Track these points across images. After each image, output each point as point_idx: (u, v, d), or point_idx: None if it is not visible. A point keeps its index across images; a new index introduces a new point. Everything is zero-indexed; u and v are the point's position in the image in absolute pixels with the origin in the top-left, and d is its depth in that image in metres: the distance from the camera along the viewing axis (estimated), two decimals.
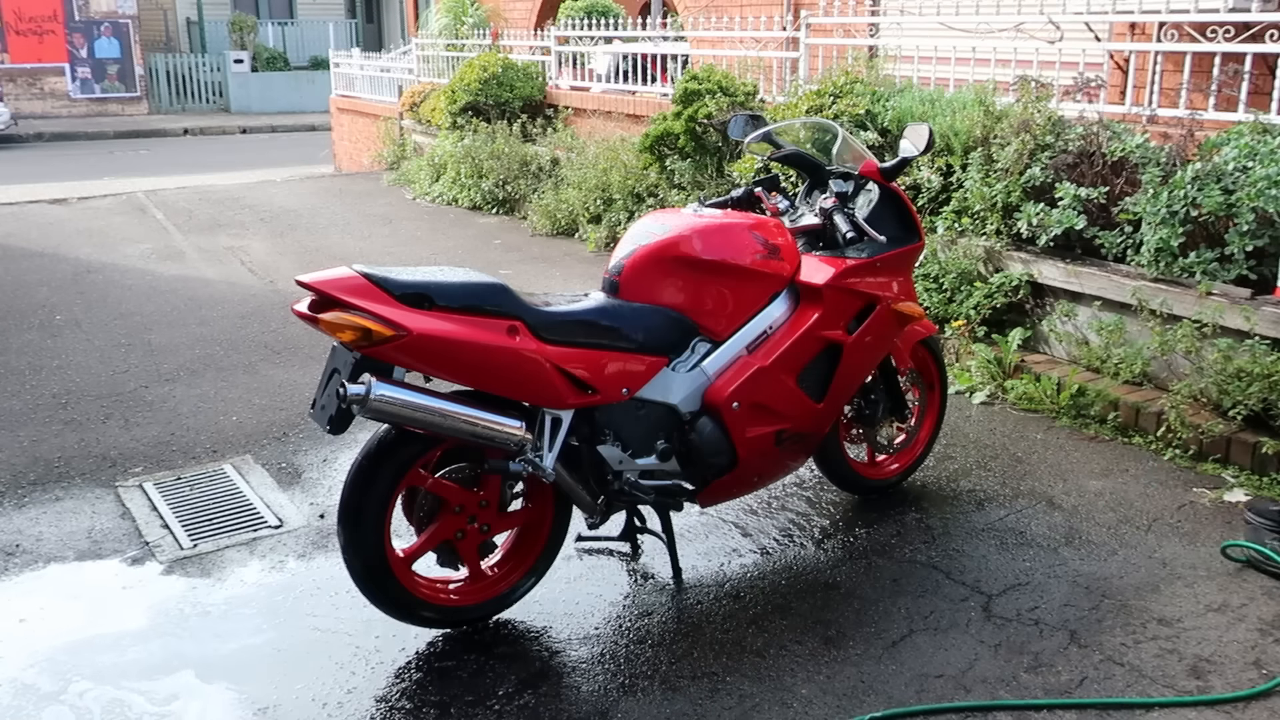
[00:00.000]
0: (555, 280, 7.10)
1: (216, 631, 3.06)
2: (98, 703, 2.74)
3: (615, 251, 3.14)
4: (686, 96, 7.26)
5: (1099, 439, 4.39)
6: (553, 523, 3.09)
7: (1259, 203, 4.22)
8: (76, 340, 5.83)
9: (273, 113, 21.90)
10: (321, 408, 2.75)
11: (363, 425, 2.98)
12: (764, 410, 3.15)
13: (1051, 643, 2.97)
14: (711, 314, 3.10)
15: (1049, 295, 5.05)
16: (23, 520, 3.74)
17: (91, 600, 3.24)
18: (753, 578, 3.34)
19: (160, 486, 4.00)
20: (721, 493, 3.26)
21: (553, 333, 2.82)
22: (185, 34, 24.24)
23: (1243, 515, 3.50)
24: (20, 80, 20.78)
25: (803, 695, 2.75)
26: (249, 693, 2.78)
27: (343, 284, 2.61)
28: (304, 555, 3.50)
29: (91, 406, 4.83)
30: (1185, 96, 5.12)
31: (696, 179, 7.30)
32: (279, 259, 7.89)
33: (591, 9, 10.65)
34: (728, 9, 9.01)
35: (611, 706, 2.72)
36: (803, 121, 4.28)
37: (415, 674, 2.87)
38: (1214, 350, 4.19)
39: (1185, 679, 2.80)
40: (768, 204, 3.49)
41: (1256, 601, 3.17)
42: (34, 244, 8.45)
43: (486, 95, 9.96)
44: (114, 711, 2.71)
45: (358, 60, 14.30)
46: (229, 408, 4.82)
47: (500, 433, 2.79)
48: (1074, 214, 4.86)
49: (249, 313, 6.37)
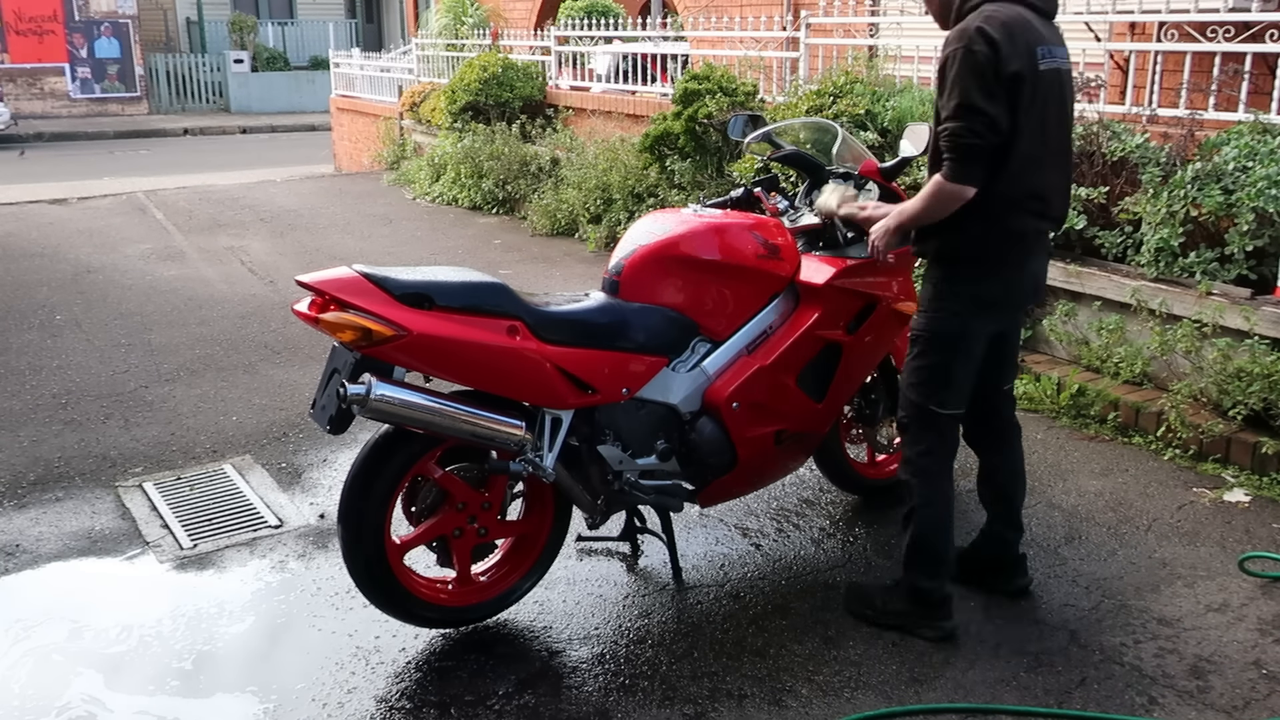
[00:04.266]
0: (555, 280, 7.10)
1: (216, 631, 3.05)
2: (97, 703, 2.74)
3: (615, 251, 3.14)
4: (686, 96, 7.26)
5: (1099, 439, 4.39)
6: (552, 525, 3.09)
7: (1259, 203, 4.22)
8: (76, 340, 5.83)
9: (273, 113, 21.89)
10: (321, 408, 2.75)
11: (363, 425, 2.98)
12: (764, 410, 3.15)
13: (1051, 643, 2.97)
14: (711, 314, 3.10)
15: (1049, 295, 5.05)
16: (23, 520, 3.74)
17: (91, 600, 3.24)
18: (753, 578, 3.34)
19: (160, 486, 4.00)
20: (721, 493, 3.26)
21: (553, 332, 2.82)
22: (185, 34, 24.23)
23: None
24: (20, 80, 20.77)
25: (802, 695, 2.75)
26: (249, 692, 2.78)
27: (343, 284, 2.61)
28: (304, 555, 3.50)
29: (91, 406, 4.83)
30: (1185, 96, 5.12)
31: (696, 179, 7.30)
32: (279, 259, 7.89)
33: (591, 9, 10.64)
34: (728, 9, 9.01)
35: (611, 706, 2.72)
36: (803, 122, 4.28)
37: (415, 674, 2.87)
38: (1214, 350, 4.19)
39: (1185, 679, 2.80)
40: (767, 204, 3.49)
41: (1256, 601, 3.17)
42: (34, 244, 8.45)
43: (486, 95, 9.96)
44: (113, 711, 2.71)
45: (358, 60, 14.30)
46: (229, 408, 4.82)
47: (500, 433, 2.79)
48: (1074, 214, 4.86)
49: (249, 313, 6.37)
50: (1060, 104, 2.81)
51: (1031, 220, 2.83)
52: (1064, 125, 2.87)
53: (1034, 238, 2.90)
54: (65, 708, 2.72)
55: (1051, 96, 2.75)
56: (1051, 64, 2.74)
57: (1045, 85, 2.73)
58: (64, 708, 2.72)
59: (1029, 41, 2.69)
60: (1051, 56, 2.74)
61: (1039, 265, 3.02)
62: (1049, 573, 3.34)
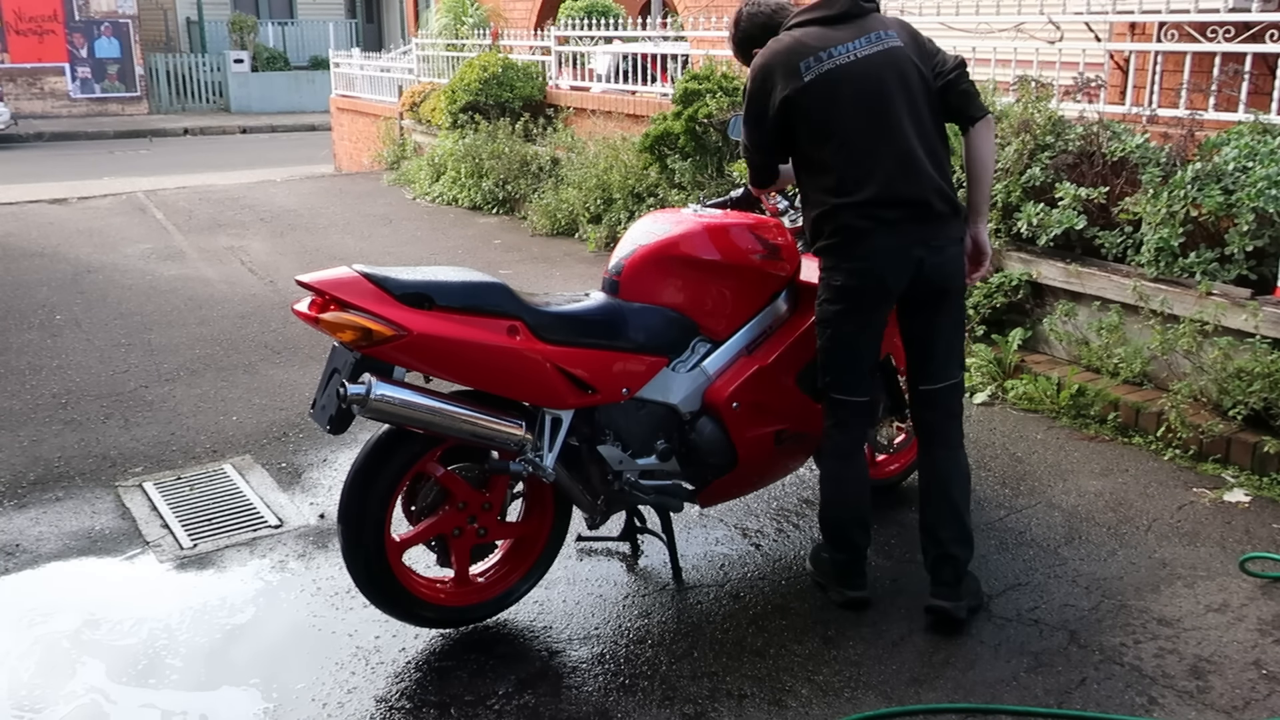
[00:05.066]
0: (555, 280, 7.10)
1: (216, 631, 3.05)
2: (96, 703, 2.74)
3: (615, 251, 3.14)
4: (686, 96, 7.26)
5: (1099, 439, 4.39)
6: (552, 525, 3.09)
7: (1259, 203, 4.21)
8: (76, 340, 5.83)
9: (273, 113, 21.89)
10: (322, 408, 2.75)
11: (363, 425, 2.98)
12: (764, 410, 3.15)
13: (1051, 643, 2.97)
14: (711, 314, 3.10)
15: (1049, 295, 5.05)
16: (23, 520, 3.74)
17: (91, 600, 3.24)
18: (753, 578, 3.34)
19: (160, 486, 4.00)
20: (721, 493, 3.26)
21: (553, 332, 2.82)
22: (185, 34, 24.23)
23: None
24: (20, 80, 20.77)
25: (802, 695, 2.75)
26: (249, 692, 2.78)
27: (343, 284, 2.61)
28: (304, 555, 3.50)
29: (91, 406, 4.83)
30: (1185, 96, 5.12)
31: (696, 179, 7.30)
32: (279, 259, 7.89)
33: (591, 9, 10.64)
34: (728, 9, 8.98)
35: (611, 706, 2.72)
36: None
37: (415, 674, 2.87)
38: (1214, 350, 4.19)
39: (1185, 679, 2.80)
40: (767, 204, 3.49)
41: (1256, 601, 3.17)
42: (34, 244, 8.45)
43: (486, 95, 9.96)
44: (112, 711, 2.71)
45: (358, 60, 14.29)
46: (229, 408, 4.82)
47: (500, 433, 2.79)
48: (1074, 214, 4.86)
49: (249, 313, 6.37)
50: (862, 93, 2.86)
51: (854, 217, 2.88)
52: (883, 108, 2.86)
53: (868, 232, 2.88)
54: (63, 707, 2.72)
55: (839, 93, 2.86)
56: (823, 68, 2.86)
57: (823, 88, 2.86)
58: (64, 707, 2.72)
59: (790, 62, 2.89)
60: (823, 61, 2.86)
61: (907, 254, 2.89)
62: (1049, 573, 3.34)
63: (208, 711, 2.71)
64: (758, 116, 3.00)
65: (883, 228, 2.88)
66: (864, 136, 2.88)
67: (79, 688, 2.79)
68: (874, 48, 2.89)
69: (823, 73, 2.86)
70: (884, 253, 2.90)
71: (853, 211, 2.88)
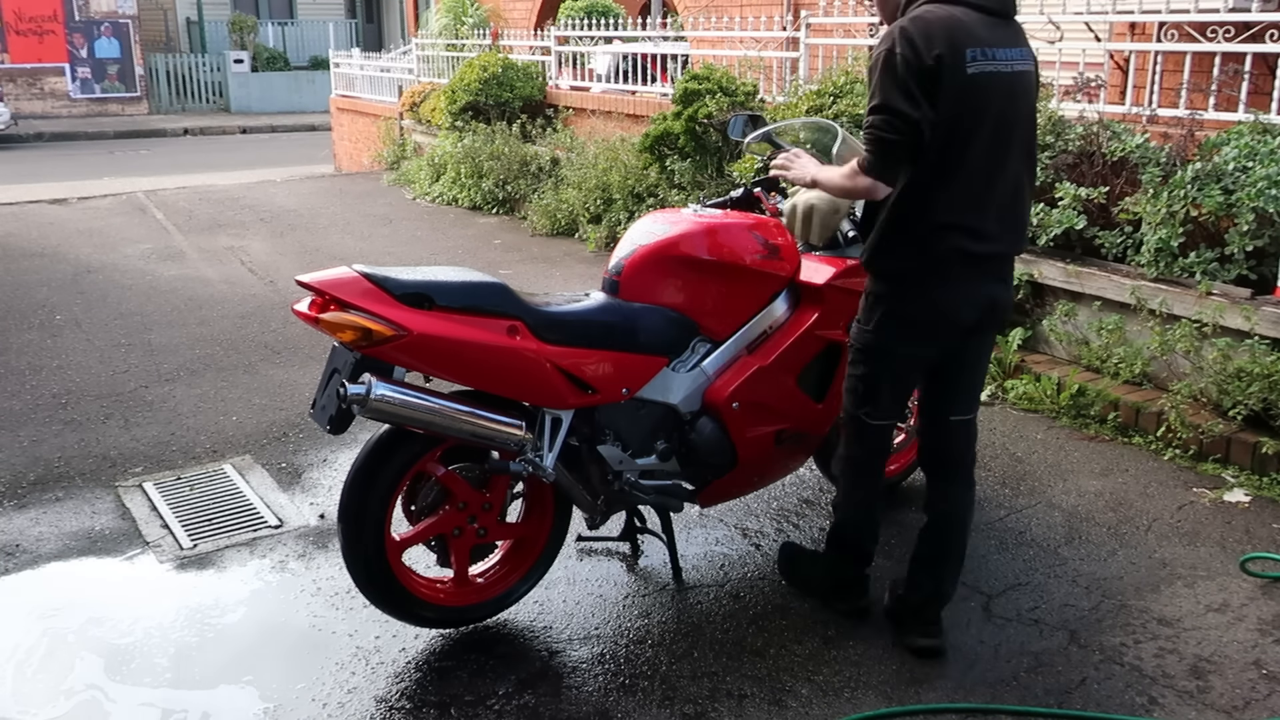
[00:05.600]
0: (555, 280, 7.10)
1: (216, 631, 3.05)
2: (96, 701, 2.74)
3: (615, 251, 3.14)
4: (686, 96, 7.26)
5: (1099, 439, 4.39)
6: (552, 526, 3.09)
7: (1259, 203, 4.22)
8: (76, 340, 5.83)
9: (273, 113, 21.89)
10: (322, 408, 2.76)
11: (363, 425, 2.98)
12: (764, 410, 3.15)
13: (1051, 643, 2.97)
14: (711, 314, 3.10)
15: (1049, 295, 5.05)
16: (23, 520, 3.74)
17: (91, 600, 3.24)
18: (753, 578, 3.34)
19: (160, 486, 4.00)
20: (721, 493, 3.26)
21: (553, 332, 2.82)
22: (185, 34, 24.23)
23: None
24: (20, 80, 20.76)
25: (802, 695, 2.75)
26: (249, 693, 2.77)
27: (343, 284, 2.61)
28: (304, 555, 3.50)
29: (91, 406, 4.83)
30: (1185, 96, 5.12)
31: (696, 179, 7.30)
32: (279, 259, 7.89)
33: (591, 9, 10.64)
34: (728, 9, 9.01)
35: (611, 706, 2.72)
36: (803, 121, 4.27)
37: (415, 674, 2.87)
38: (1214, 350, 4.19)
39: (1185, 679, 2.80)
40: (767, 204, 3.49)
41: (1256, 601, 3.17)
42: (34, 244, 8.45)
43: (486, 95, 9.96)
44: (112, 711, 2.71)
45: (358, 60, 14.30)
46: (229, 408, 4.82)
47: (500, 433, 2.79)
48: (1074, 214, 4.86)
49: (249, 313, 6.37)
50: (1003, 112, 2.61)
51: (959, 244, 2.65)
52: (1009, 134, 2.64)
53: (967, 262, 2.68)
54: (63, 706, 2.72)
55: (989, 103, 2.58)
56: (987, 67, 2.55)
57: (978, 91, 2.55)
58: (65, 705, 2.72)
59: (956, 43, 2.52)
60: (988, 59, 2.55)
61: (983, 290, 2.74)
62: (1049, 573, 3.34)
63: (208, 711, 2.71)
64: (914, 84, 2.52)
65: (977, 263, 2.70)
66: (989, 160, 2.62)
67: (79, 686, 2.79)
68: (1024, 65, 2.63)
69: (985, 72, 2.55)
70: (971, 289, 2.72)
71: (951, 246, 2.65)
